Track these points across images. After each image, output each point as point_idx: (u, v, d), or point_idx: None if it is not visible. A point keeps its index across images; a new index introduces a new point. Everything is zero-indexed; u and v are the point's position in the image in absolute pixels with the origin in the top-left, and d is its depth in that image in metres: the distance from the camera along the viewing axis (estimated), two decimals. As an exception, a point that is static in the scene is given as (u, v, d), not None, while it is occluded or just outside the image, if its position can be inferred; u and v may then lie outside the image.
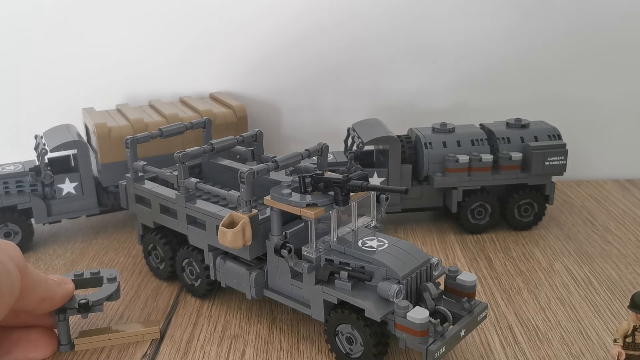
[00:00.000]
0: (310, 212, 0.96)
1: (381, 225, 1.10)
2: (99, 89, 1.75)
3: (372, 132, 1.44)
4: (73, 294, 1.05)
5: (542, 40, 1.74)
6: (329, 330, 1.01)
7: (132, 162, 1.25)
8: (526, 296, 1.21)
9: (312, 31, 1.74)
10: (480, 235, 1.48)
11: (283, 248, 0.98)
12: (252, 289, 1.09)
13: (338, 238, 1.02)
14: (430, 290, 0.97)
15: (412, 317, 0.89)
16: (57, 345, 1.05)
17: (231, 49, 1.75)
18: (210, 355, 1.05)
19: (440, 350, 0.90)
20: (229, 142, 1.22)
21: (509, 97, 1.78)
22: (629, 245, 1.41)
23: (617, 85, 1.78)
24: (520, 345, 1.05)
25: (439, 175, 1.44)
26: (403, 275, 0.94)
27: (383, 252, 0.98)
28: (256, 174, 1.04)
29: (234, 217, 1.03)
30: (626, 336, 0.93)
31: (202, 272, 1.19)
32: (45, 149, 1.41)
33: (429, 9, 1.72)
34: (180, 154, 1.12)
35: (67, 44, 1.73)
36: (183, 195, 1.15)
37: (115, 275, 1.10)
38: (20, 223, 1.42)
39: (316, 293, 1.00)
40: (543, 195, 1.47)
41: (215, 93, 1.73)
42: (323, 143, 1.18)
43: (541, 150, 1.42)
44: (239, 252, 1.08)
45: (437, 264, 1.01)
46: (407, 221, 1.56)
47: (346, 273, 0.96)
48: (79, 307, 1.05)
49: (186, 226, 1.18)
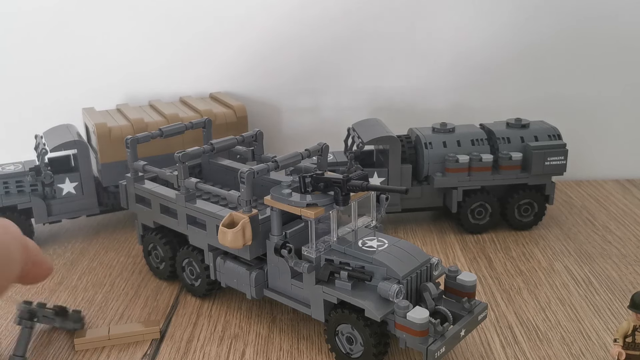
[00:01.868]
0: (311, 212, 0.96)
1: (381, 225, 1.10)
2: (99, 89, 1.75)
3: (372, 132, 1.44)
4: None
5: (542, 40, 1.74)
6: (329, 330, 1.01)
7: (132, 162, 1.25)
8: (526, 296, 1.21)
9: (313, 31, 1.74)
10: (480, 235, 1.48)
11: (283, 248, 0.98)
12: (252, 288, 1.09)
13: (338, 238, 1.02)
14: (430, 290, 0.97)
15: (412, 317, 0.89)
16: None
17: (231, 49, 1.75)
18: (210, 355, 1.05)
19: (440, 350, 0.90)
20: (229, 142, 1.22)
21: (509, 97, 1.78)
22: (629, 245, 1.41)
23: (617, 85, 1.78)
24: (520, 345, 1.05)
25: (439, 175, 1.44)
26: (403, 275, 0.94)
27: (383, 252, 0.98)
28: (256, 173, 1.04)
29: (234, 217, 1.03)
30: (626, 336, 0.93)
31: (202, 272, 1.19)
32: (45, 149, 1.41)
33: (429, 9, 1.71)
34: (180, 154, 1.12)
35: (67, 44, 1.73)
36: (183, 195, 1.15)
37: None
38: (20, 223, 1.42)
39: (316, 293, 1.00)
40: (543, 195, 1.47)
41: (215, 93, 1.73)
42: (323, 143, 1.18)
43: (541, 150, 1.42)
44: (239, 252, 1.08)
45: (437, 264, 1.01)
46: (407, 221, 1.56)
47: (346, 273, 0.96)
48: (55, 311, 1.05)
49: (186, 226, 1.18)
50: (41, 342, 1.10)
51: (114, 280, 1.31)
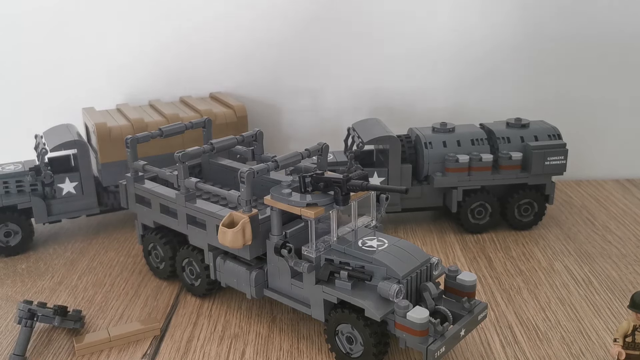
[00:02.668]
0: (310, 212, 0.96)
1: (381, 224, 1.10)
2: (99, 89, 1.75)
3: (372, 131, 1.44)
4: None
5: (542, 39, 1.74)
6: (329, 330, 1.01)
7: (132, 162, 1.25)
8: (526, 296, 1.21)
9: (313, 31, 1.74)
10: (480, 235, 1.48)
11: (283, 248, 0.98)
12: (252, 288, 1.09)
13: (338, 238, 1.02)
14: (430, 290, 0.96)
15: (412, 317, 0.89)
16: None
17: (231, 49, 1.75)
18: (210, 354, 1.05)
19: (440, 350, 0.90)
20: (229, 142, 1.22)
21: (509, 97, 1.78)
22: (629, 244, 1.41)
23: (617, 84, 1.78)
24: (520, 345, 1.05)
25: (439, 175, 1.44)
26: (403, 275, 0.94)
27: (383, 252, 0.98)
28: (256, 173, 1.04)
29: (234, 216, 1.03)
30: (626, 336, 0.93)
31: (202, 271, 1.19)
32: (45, 149, 1.41)
33: (429, 9, 1.71)
34: (180, 154, 1.12)
35: (67, 44, 1.72)
36: (183, 195, 1.15)
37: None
38: (20, 223, 1.42)
39: (316, 293, 1.00)
40: (543, 194, 1.47)
41: (215, 93, 1.74)
42: (323, 143, 1.18)
43: (541, 150, 1.42)
44: (239, 252, 1.08)
45: (437, 263, 1.01)
46: (407, 221, 1.56)
47: (346, 273, 0.96)
48: (55, 311, 1.05)
49: (186, 226, 1.18)
50: (41, 342, 1.10)
51: (114, 280, 1.31)
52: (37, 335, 1.11)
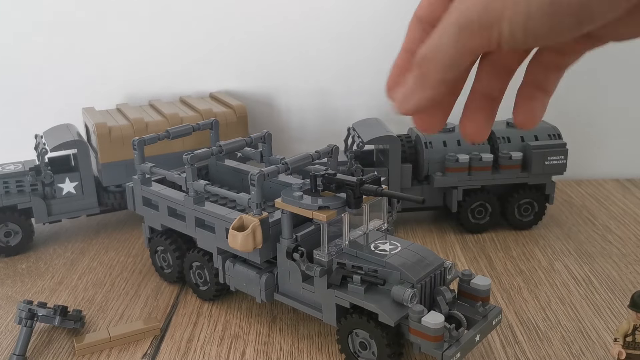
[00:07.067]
0: (323, 215, 0.94)
1: (392, 227, 1.08)
2: (99, 89, 1.75)
3: (372, 131, 1.44)
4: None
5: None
6: (341, 335, 0.99)
7: (139, 164, 1.22)
8: (526, 295, 1.21)
9: (313, 31, 1.74)
10: (480, 234, 1.48)
11: (295, 252, 0.96)
12: (262, 292, 1.07)
13: (350, 241, 1.00)
14: (444, 295, 0.95)
15: (427, 322, 0.88)
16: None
17: (232, 49, 1.75)
18: (210, 354, 1.05)
19: (456, 355, 0.88)
20: (238, 144, 1.20)
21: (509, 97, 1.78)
22: (629, 244, 1.41)
23: (617, 85, 1.77)
24: (521, 344, 1.05)
25: (439, 174, 1.44)
26: (417, 279, 0.92)
27: (396, 256, 0.96)
28: (266, 176, 1.02)
29: (244, 219, 1.01)
30: (626, 335, 0.93)
31: (210, 275, 1.17)
32: (45, 149, 1.41)
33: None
34: (189, 156, 1.09)
35: (67, 44, 1.73)
36: (192, 198, 1.13)
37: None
38: (20, 222, 1.42)
39: (328, 297, 0.98)
40: (543, 194, 1.47)
41: (215, 93, 1.73)
42: (333, 145, 1.16)
43: (541, 150, 1.42)
44: (249, 256, 1.06)
45: (450, 267, 0.99)
46: (407, 221, 1.56)
47: (359, 277, 0.94)
48: (55, 311, 1.06)
49: (195, 229, 1.16)
50: (41, 342, 1.10)
51: (114, 280, 1.31)
52: (37, 335, 1.11)
